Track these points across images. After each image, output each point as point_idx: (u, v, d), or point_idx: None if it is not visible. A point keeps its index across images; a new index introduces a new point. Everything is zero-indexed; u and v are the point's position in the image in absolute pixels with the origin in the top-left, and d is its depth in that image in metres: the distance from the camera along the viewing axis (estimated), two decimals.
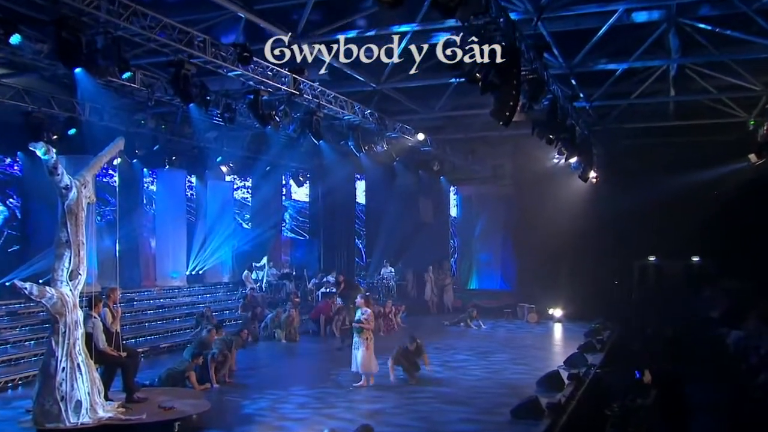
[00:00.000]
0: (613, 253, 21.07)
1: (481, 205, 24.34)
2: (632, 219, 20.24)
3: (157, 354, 13.89)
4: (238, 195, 22.43)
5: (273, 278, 20.44)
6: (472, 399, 9.98)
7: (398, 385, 10.95)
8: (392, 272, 22.01)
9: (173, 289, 18.47)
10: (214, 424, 8.57)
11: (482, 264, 24.20)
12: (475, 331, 17.88)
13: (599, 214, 20.40)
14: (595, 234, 20.47)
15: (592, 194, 20.78)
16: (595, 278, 20.55)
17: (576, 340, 15.50)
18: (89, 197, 8.58)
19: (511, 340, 16.14)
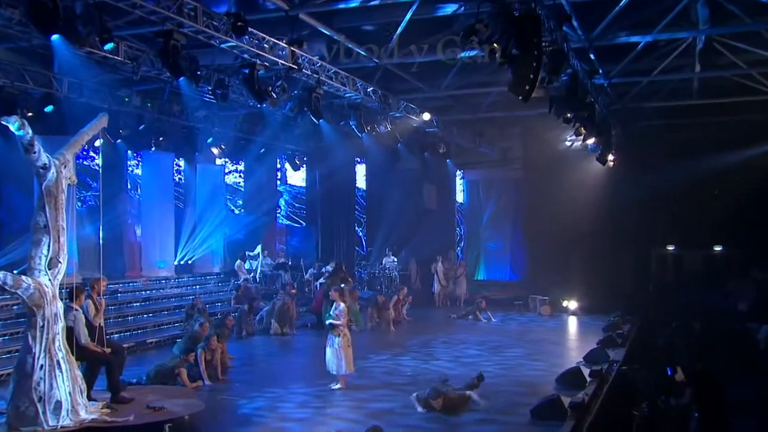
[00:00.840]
0: (629, 241, 20.97)
1: (489, 191, 24.18)
2: (650, 205, 20.10)
3: (144, 350, 13.67)
4: (230, 179, 22.18)
5: (267, 268, 20.21)
6: (485, 396, 9.63)
7: (406, 382, 10.70)
8: (395, 262, 21.78)
9: (160, 280, 18.24)
10: (208, 426, 8.32)
11: (490, 253, 24.05)
12: (485, 324, 17.68)
13: (614, 200, 20.25)
14: (610, 221, 20.35)
15: (607, 179, 20.55)
16: (610, 269, 20.36)
17: (593, 334, 15.31)
18: (70, 178, 8.23)
19: (524, 334, 15.93)
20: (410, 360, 12.67)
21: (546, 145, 22.65)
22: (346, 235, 23.71)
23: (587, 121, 14.27)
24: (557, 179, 21.48)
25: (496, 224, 23.88)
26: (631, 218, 20.49)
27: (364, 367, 11.87)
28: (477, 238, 24.32)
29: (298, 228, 24.34)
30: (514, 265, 23.50)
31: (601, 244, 20.62)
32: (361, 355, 12.70)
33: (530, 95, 9.76)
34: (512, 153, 23.77)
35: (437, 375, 11.07)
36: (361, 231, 25.36)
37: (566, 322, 18.29)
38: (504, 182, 23.82)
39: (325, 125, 16.29)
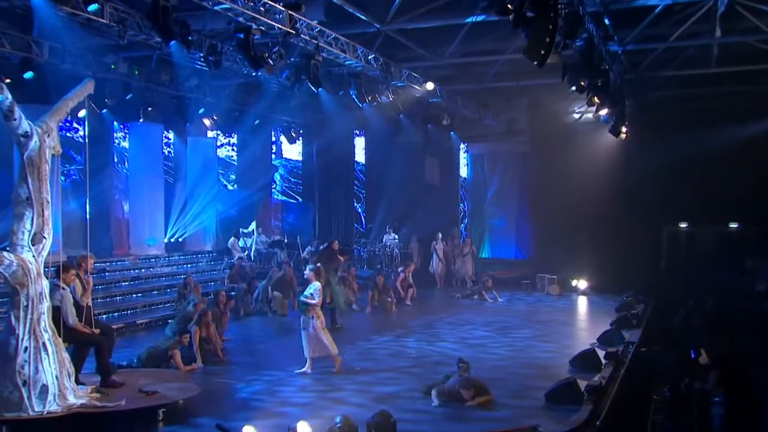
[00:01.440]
0: (640, 218, 20.80)
1: (494, 165, 23.93)
2: (662, 180, 19.92)
3: (134, 331, 13.53)
4: (223, 153, 22.40)
5: (262, 246, 20.17)
6: (498, 381, 9.53)
7: (412, 365, 10.58)
8: (395, 239, 21.67)
9: (150, 259, 18.15)
10: (204, 411, 8.11)
11: (495, 230, 23.84)
12: (491, 305, 17.56)
13: (625, 174, 20.11)
14: (621, 197, 20.19)
15: (618, 152, 20.41)
16: (621, 246, 20.20)
17: (605, 314, 15.21)
18: (54, 147, 7.96)
19: (533, 315, 15.82)
20: (414, 342, 12.55)
21: (554, 117, 22.52)
22: (345, 212, 23.61)
23: (601, 89, 13.98)
24: (565, 153, 21.26)
25: (502, 200, 23.67)
26: (643, 194, 20.32)
27: (367, 349, 11.82)
28: (481, 215, 24.13)
29: (294, 204, 24.38)
30: (520, 243, 23.35)
31: (611, 220, 20.42)
32: (363, 336, 12.87)
33: (546, 60, 9.51)
34: (518, 125, 23.49)
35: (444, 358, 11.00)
36: (360, 207, 25.35)
37: (576, 302, 18.18)
38: (510, 156, 23.57)
39: (324, 95, 16.03)
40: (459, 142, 24.01)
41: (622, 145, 19.85)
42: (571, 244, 21.07)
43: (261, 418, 7.78)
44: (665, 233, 22.97)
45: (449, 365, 10.41)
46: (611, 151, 20.48)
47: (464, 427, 7.68)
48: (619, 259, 19.69)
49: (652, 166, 19.60)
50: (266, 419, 7.72)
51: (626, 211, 20.45)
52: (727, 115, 19.38)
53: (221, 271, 18.47)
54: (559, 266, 19.95)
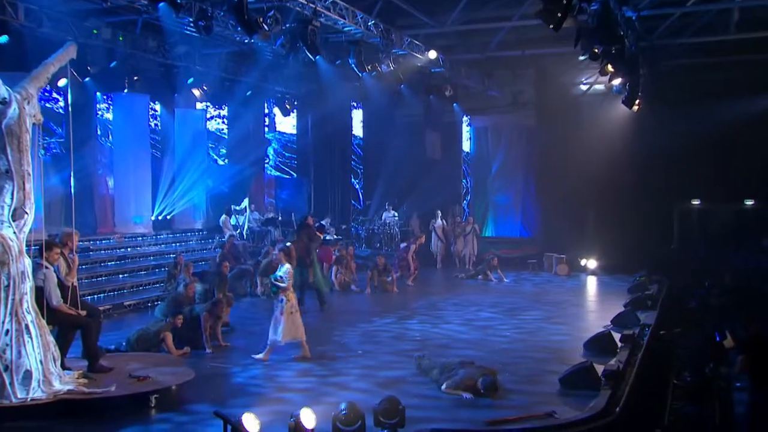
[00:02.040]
0: (651, 195, 20.74)
1: (498, 139, 23.80)
2: (674, 155, 19.80)
3: (121, 313, 13.34)
4: (212, 126, 21.86)
5: (255, 224, 20.03)
6: (508, 365, 9.40)
7: (417, 348, 10.38)
8: (395, 217, 21.61)
9: (136, 237, 17.96)
10: (199, 397, 7.92)
11: (499, 207, 23.76)
12: (496, 285, 17.49)
13: (636, 149, 20.03)
14: (632, 173, 20.11)
15: (628, 126, 20.34)
16: (632, 225, 20.19)
17: (617, 295, 15.15)
18: (34, 116, 7.68)
19: (541, 296, 15.72)
20: (418, 324, 12.43)
21: (561, 89, 22.46)
22: (341, 188, 23.52)
23: (616, 57, 13.77)
24: (573, 126, 21.30)
25: (506, 176, 23.58)
26: (654, 169, 20.28)
27: (369, 332, 11.68)
28: (485, 191, 24.02)
29: (289, 180, 24.09)
30: (526, 221, 23.29)
31: (621, 197, 20.41)
32: (364, 318, 12.75)
33: (561, 24, 9.33)
34: (523, 97, 23.36)
35: (450, 341, 10.85)
36: (357, 183, 25.17)
37: (586, 283, 18.13)
38: (515, 129, 23.43)
39: (322, 63, 15.75)
40: (462, 114, 23.84)
41: (633, 118, 19.72)
42: (579, 222, 21.09)
43: (260, 404, 7.61)
44: (676, 211, 22.89)
45: (455, 348, 10.52)
46: (621, 124, 20.42)
47: (476, 414, 7.50)
48: (629, 238, 19.62)
49: (664, 140, 19.52)
50: (266, 405, 7.55)
51: (637, 188, 20.43)
52: (745, 86, 19.22)
53: (212, 250, 18.29)
54: (567, 245, 19.88)
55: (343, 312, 13.64)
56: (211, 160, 21.26)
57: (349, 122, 24.16)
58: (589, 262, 19.13)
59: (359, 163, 25.18)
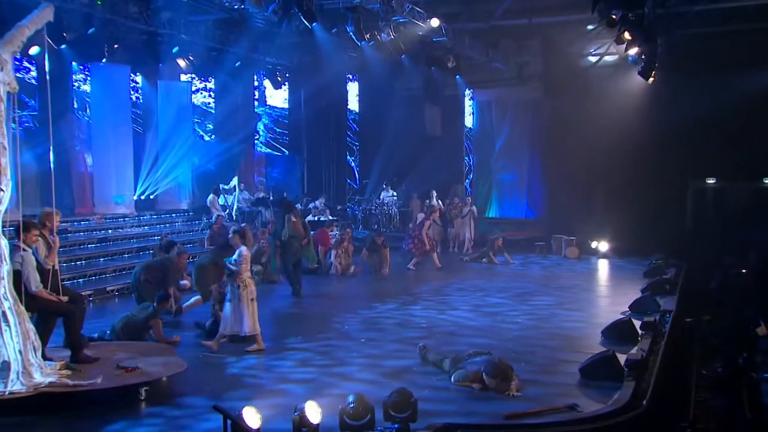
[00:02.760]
0: (663, 173, 20.65)
1: (503, 113, 23.77)
2: (688, 131, 19.71)
3: (104, 299, 13.16)
4: (198, 99, 21.72)
5: (245, 204, 19.87)
6: (523, 354, 9.23)
7: (423, 335, 10.21)
8: (394, 197, 21.51)
9: (118, 218, 17.80)
10: (193, 389, 7.71)
11: (504, 186, 23.75)
12: (503, 269, 17.36)
13: (649, 124, 19.93)
14: (644, 149, 20.03)
15: (641, 100, 20.34)
16: (643, 204, 20.18)
17: (632, 280, 15.06)
18: (9, 84, 7.36)
19: (552, 280, 15.58)
20: (422, 310, 12.25)
21: (569, 60, 22.35)
22: (336, 166, 23.47)
23: (634, 24, 13.53)
24: (582, 100, 21.15)
25: (511, 153, 23.56)
26: (668, 146, 20.17)
27: (370, 318, 11.51)
28: (488, 170, 23.99)
29: (280, 157, 23.96)
30: (532, 201, 23.32)
31: (633, 176, 20.37)
32: (364, 304, 12.56)
33: None
34: (529, 69, 23.32)
35: (457, 328, 10.66)
36: (353, 161, 25.13)
37: (598, 266, 18.04)
38: (520, 103, 23.39)
39: (318, 32, 15.49)
40: (464, 87, 23.78)
41: (646, 91, 19.70)
42: (588, 202, 21.13)
43: (259, 397, 7.42)
44: (691, 190, 22.77)
45: (463, 336, 10.39)
46: (633, 97, 20.41)
47: (492, 407, 7.31)
48: (642, 219, 19.60)
49: (678, 114, 19.42)
50: (265, 398, 7.35)
51: (649, 165, 20.36)
52: (765, 57, 18.94)
53: (200, 232, 18.13)
54: (576, 226, 19.80)
55: (342, 297, 13.44)
56: (197, 136, 21.09)
57: (345, 96, 24.06)
58: (601, 244, 19.06)
59: (355, 139, 25.13)
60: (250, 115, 22.48)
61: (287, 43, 19.04)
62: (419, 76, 21.50)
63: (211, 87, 21.65)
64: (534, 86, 22.88)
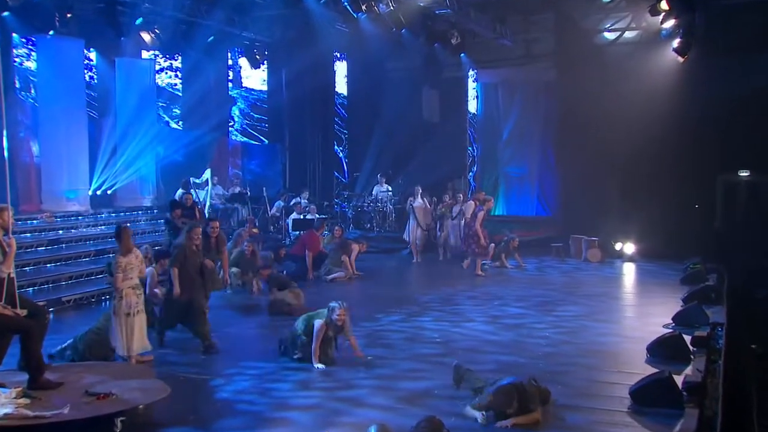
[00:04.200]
0: (693, 165, 20.48)
1: (510, 97, 23.80)
2: (721, 118, 19.66)
3: (59, 311, 12.81)
4: (163, 80, 21.70)
5: (219, 201, 19.77)
6: (558, 374, 8.87)
7: (439, 352, 9.94)
8: (389, 192, 21.28)
9: (70, 217, 17.56)
10: (177, 418, 7.32)
11: (512, 180, 23.74)
12: (516, 273, 17.29)
13: (677, 110, 19.68)
14: (671, 138, 19.86)
15: (668, 82, 20.05)
16: (669, 200, 20.17)
17: (668, 286, 14.98)
18: None
19: (575, 287, 15.40)
20: (433, 322, 11.96)
21: (584, 37, 22.27)
22: (323, 157, 23.45)
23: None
24: (600, 82, 21.03)
25: (520, 142, 23.55)
26: (699, 134, 19.98)
27: (374, 332, 11.18)
28: (494, 161, 24.01)
29: (258, 147, 23.98)
30: (543, 197, 23.36)
31: (660, 168, 20.23)
32: (366, 315, 12.23)
33: None
34: (539, 47, 23.37)
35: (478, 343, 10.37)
36: (341, 151, 25.13)
37: (624, 271, 17.97)
38: (530, 86, 23.40)
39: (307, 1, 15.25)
40: (469, 67, 23.74)
41: (674, 73, 19.56)
42: (608, 198, 20.93)
43: (258, 426, 7.09)
44: (720, 184, 22.64)
45: (485, 352, 10.09)
46: (659, 79, 20.14)
47: None
48: (670, 217, 19.53)
49: (710, 98, 19.39)
50: (265, 428, 7.06)
51: (677, 156, 20.18)
52: None
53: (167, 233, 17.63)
54: (594, 225, 19.78)
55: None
56: (162, 122, 21.00)
57: (332, 77, 24.13)
58: (626, 246, 19.00)
59: (344, 127, 25.14)
60: (223, 98, 22.33)
61: (267, 16, 19.00)
62: (416, 55, 21.42)
63: (178, 66, 21.56)
64: (545, 66, 22.88)
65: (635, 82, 20.43)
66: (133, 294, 9.04)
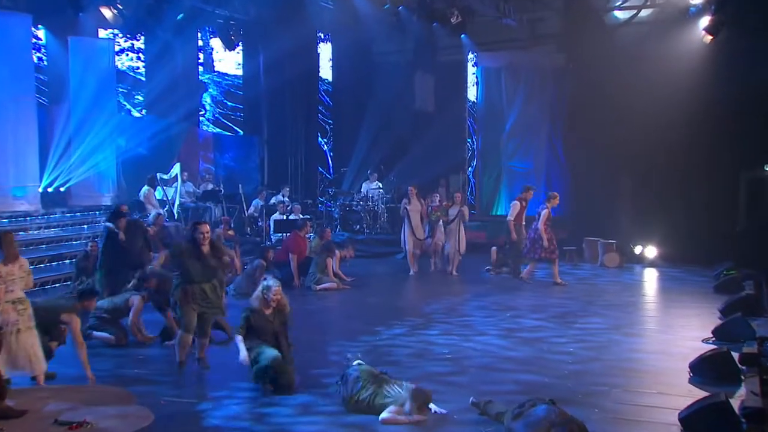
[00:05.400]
0: (719, 160, 20.52)
1: (515, 84, 23.77)
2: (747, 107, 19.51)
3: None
4: (124, 63, 21.53)
5: (189, 198, 19.82)
6: (591, 396, 8.68)
7: (452, 370, 9.79)
8: (380, 189, 21.32)
9: (18, 218, 17.49)
10: None
11: (516, 176, 23.56)
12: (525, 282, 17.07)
13: (700, 97, 19.61)
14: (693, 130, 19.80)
15: (690, 67, 19.85)
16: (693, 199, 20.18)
17: (699, 295, 15.02)
18: None
19: (595, 295, 15.36)
20: (441, 335, 11.79)
21: (598, 17, 22.18)
22: (305, 150, 23.44)
23: None
24: (613, 67, 20.97)
25: (525, 134, 23.54)
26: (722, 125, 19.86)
27: (377, 347, 11.02)
28: (496, 155, 23.95)
29: (233, 138, 24.05)
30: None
31: (681, 163, 20.24)
32: (365, 328, 12.20)
33: None
34: (545, 27, 23.51)
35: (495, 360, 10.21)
36: (326, 143, 25.15)
37: (647, 277, 18.01)
38: (537, 71, 23.38)
39: None
40: (469, 50, 23.74)
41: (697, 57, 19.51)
42: (624, 197, 21.00)
43: None
44: (743, 181, 22.66)
45: (503, 371, 9.93)
46: (680, 65, 20.00)
47: None
48: (694, 217, 19.54)
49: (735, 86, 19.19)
50: None
51: (701, 150, 20.12)
52: None
53: None
54: (608, 227, 19.90)
55: (332, 318, 13.14)
56: (123, 110, 20.87)
57: (315, 61, 24.12)
58: (647, 249, 19.07)
59: (328, 116, 25.17)
60: (193, 84, 22.27)
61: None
62: (409, 36, 21.34)
63: (141, 47, 21.41)
64: (552, 49, 23.03)
65: (653, 68, 20.36)
66: (12, 310, 8.62)
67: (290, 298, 13.42)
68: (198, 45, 22.52)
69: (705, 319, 12.27)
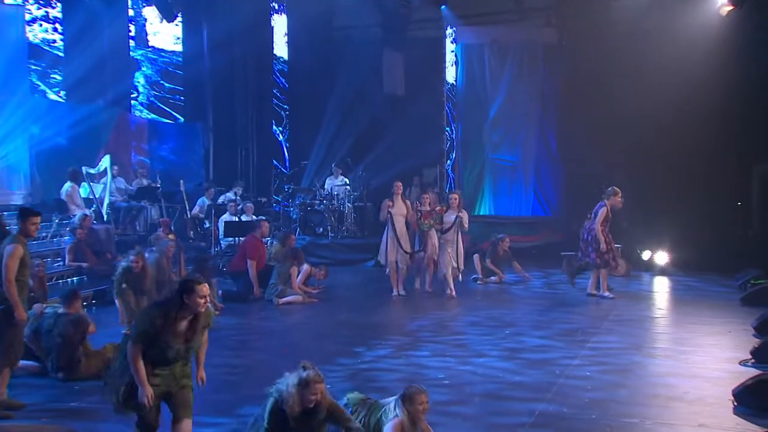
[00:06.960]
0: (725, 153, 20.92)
1: (500, 64, 23.94)
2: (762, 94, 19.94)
3: None
4: (38, 34, 21.12)
5: (121, 196, 19.63)
6: (619, 430, 8.51)
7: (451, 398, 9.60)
8: (346, 186, 21.29)
9: None
10: None
11: (502, 171, 23.81)
12: (521, 291, 17.43)
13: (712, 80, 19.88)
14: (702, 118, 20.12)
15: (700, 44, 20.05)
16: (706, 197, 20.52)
17: (723, 308, 15.02)
18: None
19: (605, 309, 15.30)
20: (433, 357, 11.63)
21: None
22: (257, 140, 23.49)
23: None
24: (612, 46, 21.24)
25: (512, 122, 23.69)
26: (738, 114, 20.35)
27: (359, 371, 10.86)
28: (479, 146, 24.10)
29: (172, 126, 24.05)
30: (542, 192, 23.55)
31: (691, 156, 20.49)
32: (343, 349, 12.12)
33: None
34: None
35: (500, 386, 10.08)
36: (282, 132, 25.03)
37: (658, 287, 18.16)
38: (525, 49, 23.59)
39: None
40: (447, 24, 23.86)
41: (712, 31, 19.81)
42: (626, 195, 20.66)
43: None
44: (756, 176, 22.86)
45: (513, 399, 9.74)
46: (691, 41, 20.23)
47: None
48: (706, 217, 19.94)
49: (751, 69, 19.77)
50: None
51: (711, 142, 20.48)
52: None
53: (51, 241, 17.58)
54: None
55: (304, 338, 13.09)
56: (37, 92, 20.59)
57: (269, 35, 24.13)
58: (657, 255, 19.17)
59: (284, 101, 25.15)
60: (123, 61, 22.03)
61: None
62: (377, 7, 21.32)
63: (58, 16, 21.03)
64: (542, 23, 23.34)
65: (659, 45, 20.70)
66: None
67: (250, 314, 13.32)
68: (128, 15, 22.34)
69: (738, 338, 12.20)
